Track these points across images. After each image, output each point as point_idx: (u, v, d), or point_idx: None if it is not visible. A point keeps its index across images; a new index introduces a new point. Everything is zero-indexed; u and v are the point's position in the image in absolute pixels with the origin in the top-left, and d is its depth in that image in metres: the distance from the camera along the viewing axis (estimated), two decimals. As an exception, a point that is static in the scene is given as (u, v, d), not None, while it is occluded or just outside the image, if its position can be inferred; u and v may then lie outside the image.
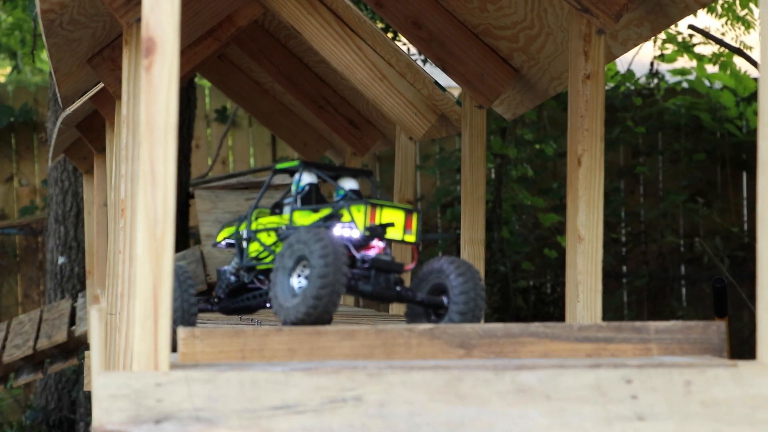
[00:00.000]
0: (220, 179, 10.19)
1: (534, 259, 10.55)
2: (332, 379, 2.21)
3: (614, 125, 10.42)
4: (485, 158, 4.56)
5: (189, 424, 2.16)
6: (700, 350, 2.49)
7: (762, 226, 2.28)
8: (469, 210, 4.57)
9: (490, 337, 2.46)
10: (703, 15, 10.11)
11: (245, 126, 11.77)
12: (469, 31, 4.42)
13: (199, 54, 5.24)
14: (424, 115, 5.05)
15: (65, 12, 3.13)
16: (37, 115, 11.51)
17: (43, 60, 13.44)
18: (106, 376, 2.17)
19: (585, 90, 3.34)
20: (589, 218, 3.35)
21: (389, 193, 11.21)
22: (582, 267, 3.34)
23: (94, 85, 4.87)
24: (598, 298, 3.35)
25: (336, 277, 2.83)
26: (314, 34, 4.85)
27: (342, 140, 7.07)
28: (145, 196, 2.21)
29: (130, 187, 3.39)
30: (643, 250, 10.97)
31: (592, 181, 3.35)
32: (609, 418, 2.24)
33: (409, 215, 3.10)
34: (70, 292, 9.46)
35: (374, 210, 3.08)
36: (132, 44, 3.27)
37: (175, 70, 2.21)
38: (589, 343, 2.48)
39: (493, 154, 9.87)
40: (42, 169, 11.40)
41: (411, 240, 3.08)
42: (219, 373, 2.20)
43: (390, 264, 3.08)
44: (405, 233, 3.09)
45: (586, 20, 3.34)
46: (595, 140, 3.35)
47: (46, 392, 9.74)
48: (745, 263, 10.48)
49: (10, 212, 11.46)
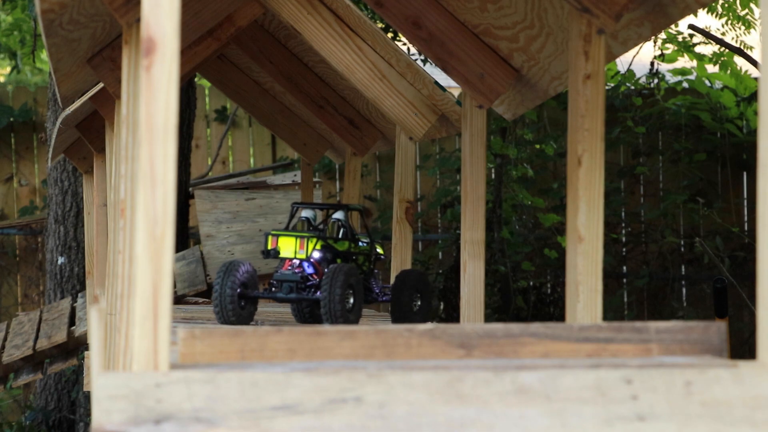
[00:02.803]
0: (220, 179, 10.19)
1: (534, 260, 10.56)
2: (332, 379, 2.21)
3: (614, 125, 10.42)
4: (485, 158, 4.56)
5: (189, 425, 2.16)
6: (701, 350, 2.49)
7: (762, 226, 2.28)
8: (469, 210, 4.57)
9: (490, 338, 2.46)
10: (704, 15, 10.10)
11: (245, 126, 11.77)
12: (469, 31, 4.42)
13: (199, 54, 5.24)
14: (424, 115, 5.05)
15: (65, 12, 3.13)
16: (37, 115, 11.52)
17: (43, 60, 13.45)
18: (105, 377, 2.16)
19: (585, 90, 3.34)
20: (590, 218, 3.35)
21: (389, 193, 11.21)
22: (582, 267, 3.34)
23: (94, 85, 4.87)
24: (598, 298, 3.35)
25: (220, 292, 4.55)
26: (314, 34, 4.85)
27: (342, 140, 7.07)
28: (145, 196, 2.21)
29: (129, 187, 3.39)
30: (643, 250, 10.97)
31: (592, 181, 3.35)
32: (609, 418, 2.24)
33: (302, 240, 4.66)
34: (70, 292, 9.46)
35: (275, 238, 4.68)
36: (132, 44, 3.27)
37: (175, 70, 2.21)
38: (589, 343, 2.47)
39: (493, 154, 9.87)
40: (42, 169, 11.40)
41: (301, 257, 4.65)
42: (219, 373, 2.20)
43: (287, 276, 4.67)
44: (297, 252, 4.66)
45: (587, 20, 3.34)
46: (596, 140, 3.35)
47: (46, 392, 9.74)
48: (746, 263, 10.48)
49: (9, 212, 11.46)
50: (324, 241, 4.79)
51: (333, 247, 4.87)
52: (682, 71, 10.83)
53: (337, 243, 4.88)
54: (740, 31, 9.49)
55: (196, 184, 9.75)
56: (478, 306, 4.45)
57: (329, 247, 4.83)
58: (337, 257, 4.90)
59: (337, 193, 11.42)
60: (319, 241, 4.76)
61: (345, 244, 4.91)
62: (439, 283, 10.45)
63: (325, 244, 4.80)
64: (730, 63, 10.05)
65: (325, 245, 4.80)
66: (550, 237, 10.53)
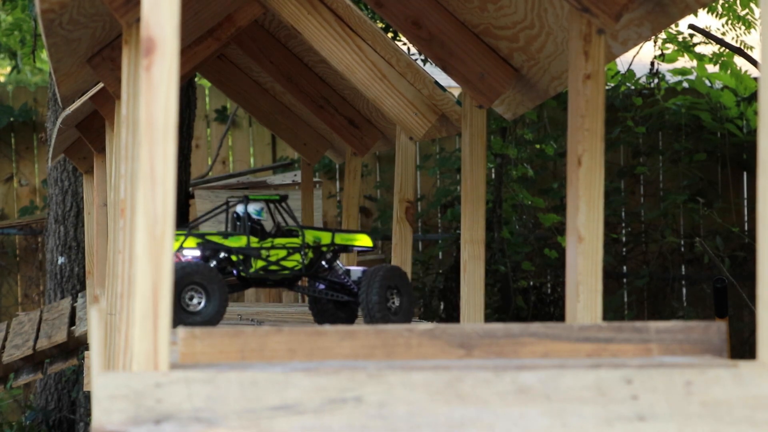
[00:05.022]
0: (220, 179, 10.19)
1: (534, 259, 10.56)
2: (332, 379, 2.21)
3: (614, 125, 10.42)
4: (485, 158, 4.56)
5: (189, 425, 2.16)
6: (701, 350, 2.49)
7: (762, 226, 2.28)
8: (469, 210, 4.57)
9: (490, 337, 2.46)
10: (704, 15, 10.11)
11: (245, 126, 11.77)
12: (469, 31, 4.42)
13: (199, 54, 5.24)
14: (424, 115, 5.05)
15: (65, 12, 3.13)
16: (37, 115, 11.52)
17: (43, 60, 13.44)
18: (105, 377, 2.16)
19: (585, 90, 3.34)
20: (590, 218, 3.35)
21: (389, 192, 11.21)
22: (582, 267, 3.34)
23: (94, 85, 4.87)
24: (598, 298, 3.35)
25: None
26: (314, 34, 4.85)
27: (342, 140, 7.07)
28: (145, 196, 2.21)
29: (129, 187, 3.39)
30: (643, 250, 10.97)
31: (592, 181, 3.35)
32: (609, 418, 2.24)
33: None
34: (70, 292, 9.46)
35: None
36: (132, 44, 3.27)
37: (174, 70, 2.21)
38: (589, 343, 2.47)
39: (494, 154, 9.87)
40: (42, 169, 11.40)
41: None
42: (219, 373, 2.20)
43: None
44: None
45: (587, 20, 3.34)
46: (596, 140, 3.34)
47: (46, 392, 9.74)
48: (746, 263, 10.48)
49: (9, 212, 11.46)
50: (200, 238, 4.48)
51: (215, 243, 4.51)
52: (682, 71, 10.83)
53: (229, 239, 4.52)
54: (740, 31, 9.50)
55: (196, 184, 9.75)
56: (478, 306, 4.45)
57: (210, 243, 4.50)
58: (228, 253, 4.56)
59: (337, 192, 11.42)
60: (189, 237, 4.46)
61: (241, 239, 4.56)
62: (439, 283, 10.45)
63: (203, 241, 4.48)
64: (730, 63, 10.06)
65: (205, 242, 4.48)
66: (550, 237, 10.53)
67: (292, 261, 4.61)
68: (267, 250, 4.57)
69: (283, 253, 4.60)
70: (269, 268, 4.55)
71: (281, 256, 4.60)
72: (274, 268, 4.57)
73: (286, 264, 4.60)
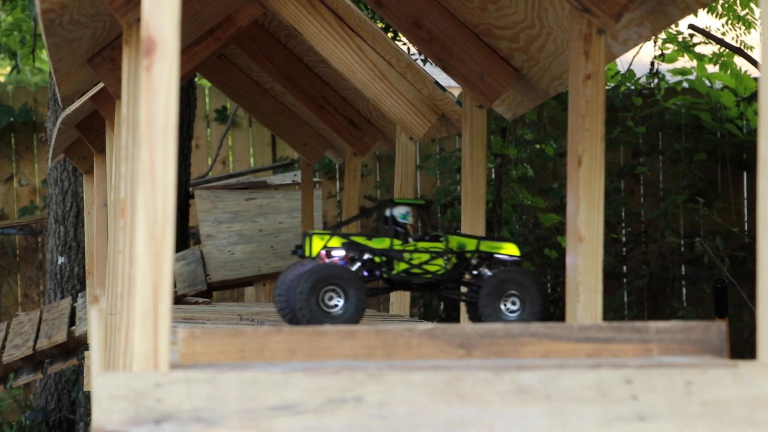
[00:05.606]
0: (220, 179, 10.18)
1: (534, 259, 10.56)
2: (332, 379, 2.21)
3: (614, 125, 10.42)
4: (485, 158, 4.56)
5: (189, 425, 2.16)
6: (701, 350, 2.49)
7: (762, 226, 2.28)
8: (469, 210, 4.57)
9: (490, 338, 2.46)
10: (704, 15, 10.11)
11: (245, 126, 11.77)
12: (469, 31, 4.42)
13: (199, 54, 5.24)
14: (424, 115, 5.05)
15: (65, 12, 3.13)
16: (37, 115, 11.51)
17: (43, 60, 13.44)
18: (105, 377, 2.16)
19: (585, 90, 3.34)
20: (590, 218, 3.35)
21: (389, 193, 11.21)
22: (582, 267, 3.34)
23: (94, 85, 4.87)
24: (598, 298, 3.35)
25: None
26: (314, 34, 4.85)
27: (342, 140, 7.07)
28: (145, 196, 2.21)
29: (130, 187, 3.39)
30: (643, 250, 10.97)
31: (592, 181, 3.35)
32: (609, 418, 2.24)
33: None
34: (70, 292, 9.46)
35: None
36: (132, 44, 3.27)
37: (175, 70, 2.21)
38: (589, 343, 2.47)
39: (493, 154, 9.87)
40: (42, 169, 11.40)
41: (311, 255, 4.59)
42: (219, 373, 2.20)
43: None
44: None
45: (587, 20, 3.34)
46: (596, 140, 3.34)
47: (46, 392, 9.74)
48: (745, 263, 10.48)
49: (9, 212, 11.46)
50: (345, 238, 4.53)
51: (359, 244, 4.62)
52: (682, 71, 10.83)
53: (372, 240, 4.57)
54: (740, 31, 9.49)
55: (196, 184, 9.75)
56: (478, 306, 4.43)
57: (355, 244, 4.54)
58: (373, 254, 4.61)
59: (337, 192, 11.42)
60: (334, 237, 4.51)
61: (384, 241, 4.62)
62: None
63: (348, 241, 4.53)
64: (730, 63, 10.06)
65: (349, 243, 4.55)
66: (550, 237, 10.53)
67: (435, 265, 4.60)
68: (410, 253, 4.58)
69: (425, 257, 4.59)
70: (411, 271, 4.55)
71: (423, 260, 4.59)
72: (416, 271, 4.57)
73: (429, 268, 4.59)
